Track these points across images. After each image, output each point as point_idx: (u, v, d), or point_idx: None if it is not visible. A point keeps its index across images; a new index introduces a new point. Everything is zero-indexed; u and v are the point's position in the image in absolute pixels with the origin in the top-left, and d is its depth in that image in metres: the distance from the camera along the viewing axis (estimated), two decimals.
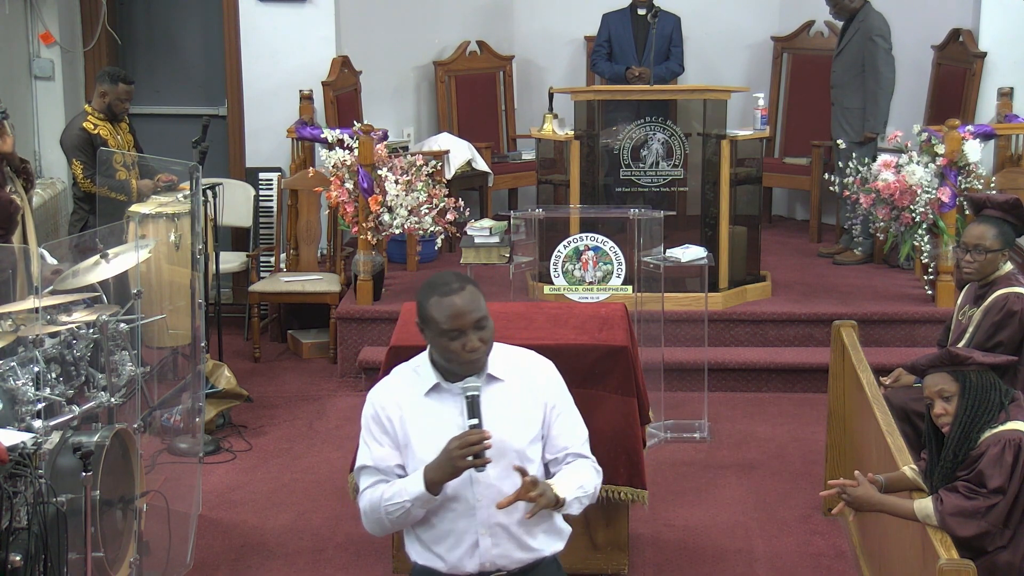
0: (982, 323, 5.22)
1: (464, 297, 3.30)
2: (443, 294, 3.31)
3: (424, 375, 3.41)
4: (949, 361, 4.12)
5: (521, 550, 3.42)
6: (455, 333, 3.30)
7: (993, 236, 5.20)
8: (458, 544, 3.39)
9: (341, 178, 7.43)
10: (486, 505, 3.36)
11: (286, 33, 8.57)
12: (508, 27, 9.76)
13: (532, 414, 3.41)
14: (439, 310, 3.30)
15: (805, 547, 5.49)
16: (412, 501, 3.31)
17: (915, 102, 8.78)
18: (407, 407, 3.40)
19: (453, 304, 3.29)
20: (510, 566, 3.42)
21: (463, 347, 3.30)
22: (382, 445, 3.39)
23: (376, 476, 3.39)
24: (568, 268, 6.62)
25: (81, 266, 5.21)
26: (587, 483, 3.42)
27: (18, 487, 4.23)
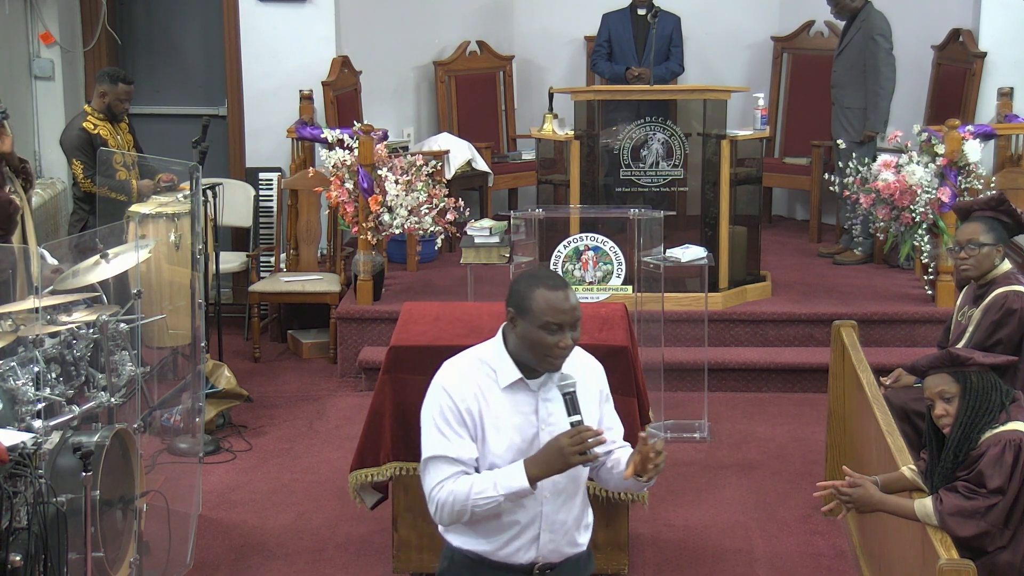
0: (982, 322, 5.22)
1: (571, 295, 3.35)
2: (551, 288, 3.33)
3: (503, 369, 3.40)
4: (950, 362, 4.12)
5: (570, 545, 3.49)
6: (555, 327, 3.31)
7: (984, 231, 5.22)
8: (519, 536, 3.42)
9: (341, 178, 7.43)
10: (551, 500, 3.42)
11: (286, 33, 8.57)
12: (508, 27, 9.76)
13: (593, 410, 3.47)
14: (546, 302, 3.31)
15: (805, 547, 5.49)
16: (508, 495, 3.31)
17: (915, 102, 8.78)
18: (484, 400, 3.39)
19: (560, 299, 3.31)
20: (556, 560, 3.48)
21: (558, 343, 3.32)
22: (461, 437, 3.36)
23: (456, 467, 3.36)
24: (568, 268, 6.63)
25: (81, 266, 5.21)
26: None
27: (18, 487, 4.23)
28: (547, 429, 3.38)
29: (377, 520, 5.53)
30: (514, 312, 3.36)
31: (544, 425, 3.39)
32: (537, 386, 3.40)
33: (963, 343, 5.29)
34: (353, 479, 5.05)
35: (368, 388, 6.96)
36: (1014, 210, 5.34)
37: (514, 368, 3.38)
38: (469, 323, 5.26)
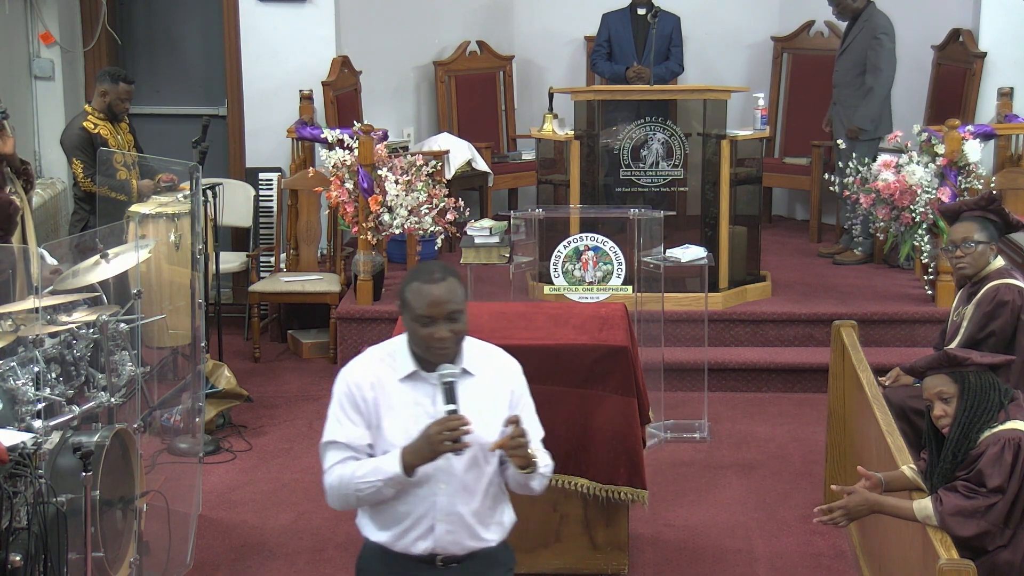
0: (974, 315, 5.25)
1: (442, 287, 3.39)
2: (424, 281, 3.40)
3: (401, 360, 3.48)
4: (947, 363, 4.12)
5: (472, 539, 3.51)
6: (427, 320, 3.38)
7: (978, 230, 5.25)
8: (414, 527, 3.48)
9: (341, 178, 7.43)
10: (448, 493, 3.45)
11: (286, 33, 8.57)
12: (508, 27, 9.76)
13: (500, 409, 3.50)
14: (417, 296, 3.39)
15: (805, 547, 5.49)
16: (386, 481, 3.38)
17: (915, 102, 8.79)
18: (382, 389, 3.47)
19: (431, 292, 3.37)
20: (458, 552, 3.51)
21: (432, 335, 3.38)
22: (355, 424, 3.46)
23: (346, 452, 3.46)
24: (568, 268, 6.62)
25: (81, 266, 5.21)
26: (549, 466, 3.54)
27: (18, 487, 4.23)
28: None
29: None
30: (399, 307, 3.46)
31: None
32: (436, 378, 3.44)
33: (958, 339, 5.31)
34: None
35: None
36: (1003, 209, 5.37)
37: (410, 361, 3.46)
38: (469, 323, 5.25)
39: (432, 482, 3.43)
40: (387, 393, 3.45)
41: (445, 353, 3.41)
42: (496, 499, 3.55)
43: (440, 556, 3.50)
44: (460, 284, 3.44)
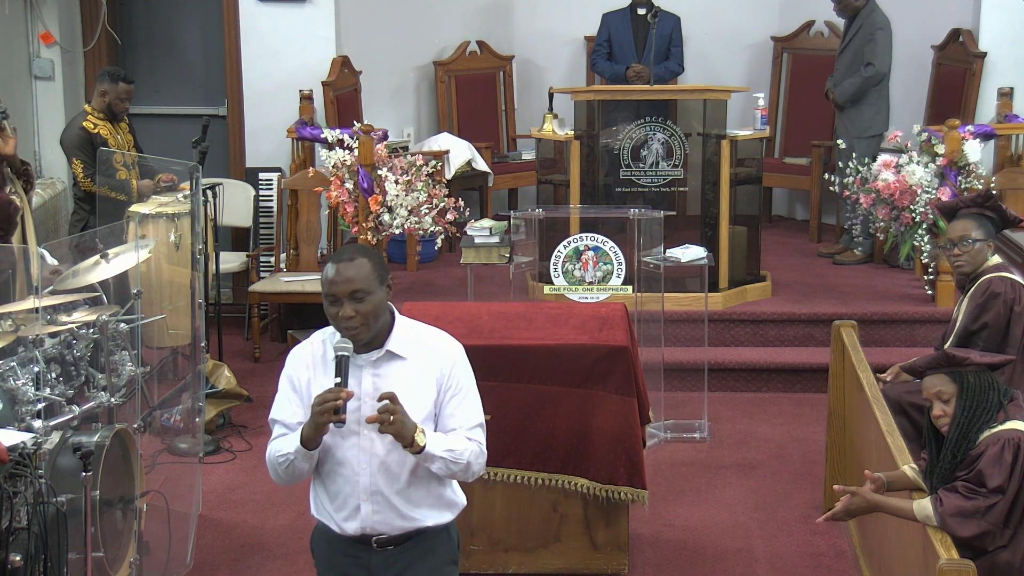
0: (967, 308, 5.27)
1: (349, 267, 3.43)
2: (334, 261, 3.46)
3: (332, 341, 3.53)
4: (946, 362, 4.12)
5: (401, 519, 3.53)
6: (332, 299, 3.44)
7: (976, 228, 5.27)
8: (343, 506, 3.53)
9: (341, 178, 7.43)
10: (369, 473, 3.49)
11: (286, 33, 8.57)
12: (508, 27, 9.76)
13: (426, 392, 3.50)
14: (324, 275, 3.47)
15: (805, 547, 5.49)
16: (294, 454, 3.46)
17: (915, 102, 8.78)
18: (315, 369, 3.54)
19: (335, 271, 3.42)
20: (391, 532, 3.54)
21: (337, 314, 3.44)
22: (291, 403, 3.56)
23: (283, 430, 3.56)
24: (568, 268, 6.62)
25: (81, 266, 5.21)
26: (461, 451, 3.48)
27: (18, 487, 4.23)
28: (369, 403, 3.44)
29: None
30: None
31: (367, 398, 3.46)
32: (365, 361, 3.48)
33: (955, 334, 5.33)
34: None
35: None
36: (999, 205, 5.38)
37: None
38: (469, 323, 5.26)
39: (355, 462, 3.49)
40: (318, 374, 3.52)
41: (354, 333, 3.43)
42: (426, 480, 3.54)
43: (373, 537, 3.53)
44: (375, 266, 3.45)
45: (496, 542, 5.15)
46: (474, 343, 5.06)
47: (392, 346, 3.50)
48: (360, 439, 3.48)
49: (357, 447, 3.48)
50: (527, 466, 5.04)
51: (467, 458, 3.49)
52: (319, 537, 3.67)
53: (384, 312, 3.49)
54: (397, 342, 3.51)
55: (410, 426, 3.38)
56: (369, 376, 3.49)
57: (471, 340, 5.10)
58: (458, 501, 3.66)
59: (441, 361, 3.53)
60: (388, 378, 3.47)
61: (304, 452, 3.44)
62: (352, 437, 3.48)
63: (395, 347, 3.51)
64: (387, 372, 3.49)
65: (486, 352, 5.04)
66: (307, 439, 3.43)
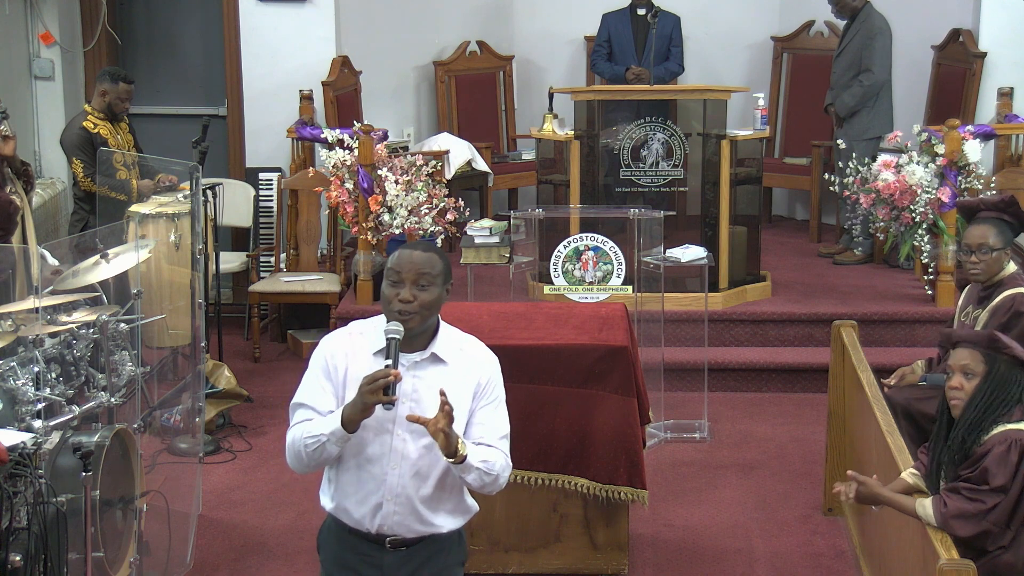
0: (989, 323, 5.20)
1: (421, 254, 3.44)
2: (407, 247, 3.48)
3: (378, 336, 3.49)
4: (988, 343, 4.14)
5: (420, 523, 3.52)
6: (396, 277, 3.42)
7: (995, 235, 5.21)
8: (364, 503, 3.51)
9: (341, 178, 7.43)
10: (398, 474, 3.47)
11: (286, 33, 8.57)
12: (508, 27, 9.76)
13: (463, 400, 3.49)
14: (395, 257, 3.46)
15: (805, 547, 5.49)
16: (328, 436, 3.39)
17: (915, 102, 8.78)
18: (354, 360, 3.49)
19: (408, 254, 3.44)
20: (406, 534, 3.53)
21: (396, 295, 3.41)
22: (324, 390, 3.49)
23: (309, 414, 3.49)
24: (568, 268, 6.62)
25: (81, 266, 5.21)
26: (493, 463, 3.47)
27: (18, 487, 4.24)
28: (407, 403, 3.44)
29: None
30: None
31: (406, 399, 3.44)
32: (410, 361, 3.46)
33: None
34: None
35: None
36: (1020, 211, 5.33)
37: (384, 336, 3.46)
38: (469, 323, 5.25)
39: (385, 461, 3.46)
40: (358, 364, 3.47)
41: (407, 318, 3.41)
42: (451, 488, 3.54)
43: (388, 537, 3.52)
44: (444, 263, 3.47)
45: (496, 542, 5.14)
46: None
47: (436, 349, 3.49)
48: (393, 439, 3.45)
49: (389, 446, 3.45)
50: (527, 466, 5.04)
51: (497, 470, 3.49)
52: (329, 533, 3.65)
53: (437, 311, 3.49)
54: (441, 346, 3.50)
55: (455, 434, 3.37)
56: (410, 377, 3.46)
57: None
58: (473, 508, 3.65)
59: (480, 371, 3.53)
60: (428, 380, 3.45)
61: (342, 435, 3.38)
62: (385, 435, 3.45)
63: (439, 351, 3.49)
64: (428, 375, 3.46)
65: None
66: (349, 420, 3.36)
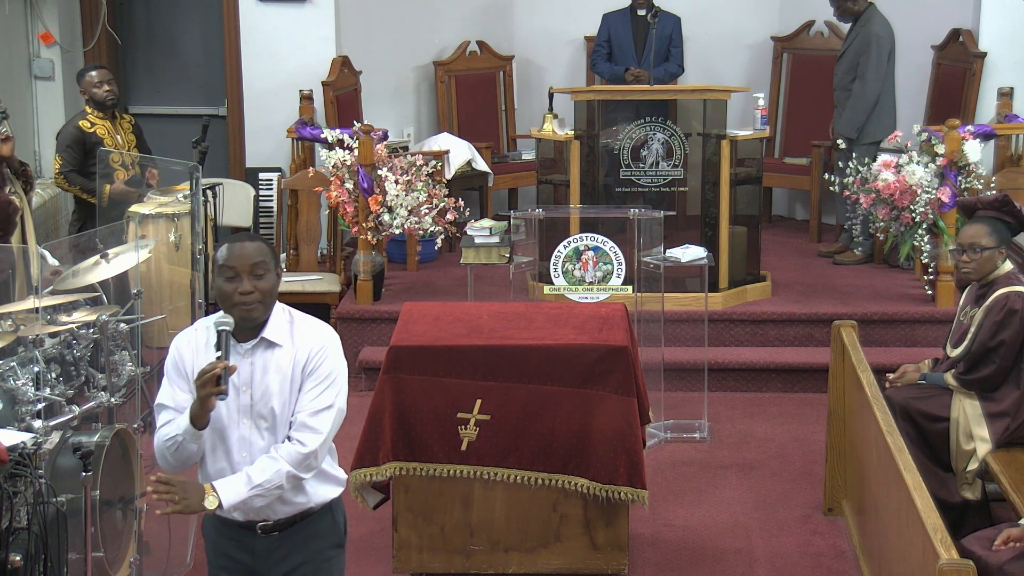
0: (984, 322, 5.24)
1: (248, 245, 3.51)
2: (232, 241, 3.53)
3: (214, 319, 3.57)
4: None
5: (283, 504, 3.57)
6: (231, 273, 3.47)
7: (987, 234, 5.23)
8: None
9: (341, 178, 7.43)
10: (249, 461, 3.52)
11: (286, 33, 8.57)
12: (508, 27, 9.76)
13: (294, 379, 3.55)
14: (222, 252, 3.50)
15: (805, 547, 5.49)
16: (182, 434, 3.48)
17: (915, 102, 8.78)
18: (199, 355, 3.56)
19: (232, 249, 3.49)
20: (275, 517, 3.58)
21: (236, 289, 3.47)
22: (180, 388, 3.57)
23: (170, 415, 3.56)
24: (568, 268, 6.62)
25: (81, 266, 5.21)
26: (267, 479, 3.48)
27: (18, 487, 4.24)
28: (247, 391, 3.51)
29: (377, 520, 5.52)
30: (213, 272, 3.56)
31: (245, 387, 3.52)
32: (244, 350, 3.53)
33: (965, 344, 5.31)
34: (353, 478, 5.04)
35: (368, 388, 6.96)
36: (1018, 211, 5.34)
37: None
38: (469, 323, 5.26)
39: (236, 451, 3.54)
40: (200, 359, 3.53)
41: (250, 309, 3.48)
42: None
43: (258, 523, 3.57)
44: (271, 249, 3.57)
45: (496, 542, 5.14)
46: (474, 343, 5.09)
47: (267, 333, 3.56)
48: (240, 428, 3.53)
49: (237, 436, 3.53)
50: (527, 466, 5.04)
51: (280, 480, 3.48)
52: (208, 524, 3.70)
53: (276, 297, 3.57)
54: (272, 330, 3.57)
55: (194, 498, 3.41)
56: (246, 364, 3.53)
57: (471, 340, 5.12)
58: (339, 476, 3.69)
59: (310, 348, 3.57)
60: (264, 366, 3.53)
61: (193, 432, 3.47)
62: (233, 426, 3.54)
63: (269, 334, 3.56)
64: (261, 360, 3.53)
65: (486, 352, 5.04)
66: (195, 416, 3.46)
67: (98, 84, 7.30)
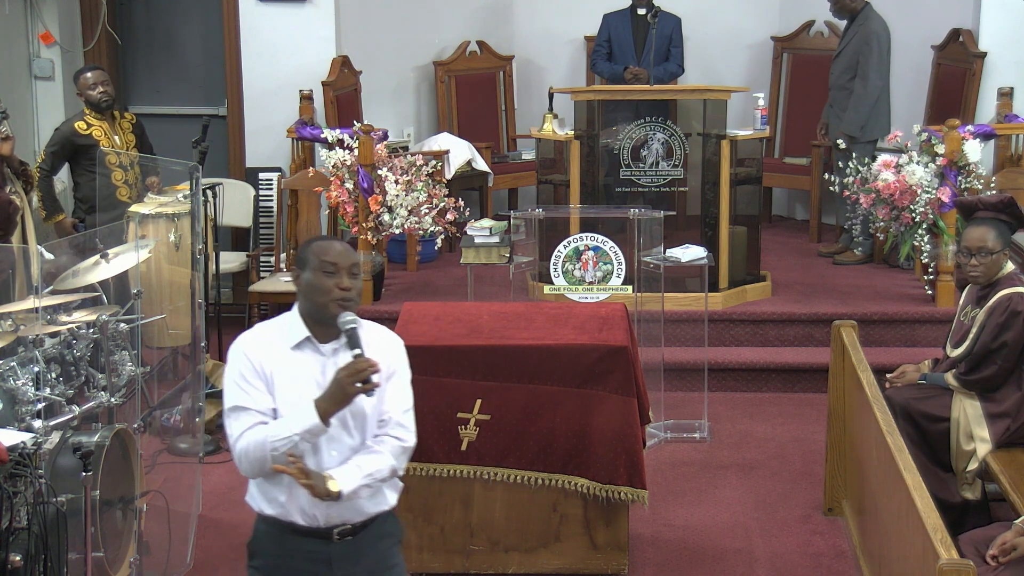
0: (986, 323, 5.23)
1: (347, 246, 3.58)
2: (324, 239, 3.61)
3: (294, 328, 3.59)
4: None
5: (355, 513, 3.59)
6: (331, 268, 3.51)
7: (994, 237, 5.22)
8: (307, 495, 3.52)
9: (341, 178, 7.43)
10: (338, 460, 3.54)
11: (286, 33, 8.57)
12: (508, 27, 9.76)
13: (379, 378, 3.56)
14: (319, 249, 3.54)
15: (805, 547, 5.49)
16: (302, 433, 3.46)
17: (915, 102, 8.78)
18: (274, 356, 3.56)
19: (333, 247, 3.55)
20: (352, 521, 3.59)
21: (337, 284, 3.50)
22: (258, 389, 3.54)
23: (256, 417, 3.53)
24: (568, 268, 6.63)
25: (81, 266, 5.21)
26: (378, 469, 3.55)
27: (18, 487, 4.24)
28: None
29: None
30: (297, 272, 3.58)
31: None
32: (328, 351, 3.56)
33: (967, 344, 5.31)
34: None
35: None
36: (1020, 212, 5.33)
37: (303, 328, 3.57)
38: (469, 323, 5.26)
39: (323, 450, 3.53)
40: (279, 361, 3.54)
41: (348, 305, 3.52)
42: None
43: (336, 529, 3.57)
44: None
45: (496, 542, 5.14)
46: (474, 343, 5.09)
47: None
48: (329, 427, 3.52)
49: (326, 435, 3.52)
50: (527, 466, 5.04)
51: (386, 471, 3.56)
52: (264, 537, 3.65)
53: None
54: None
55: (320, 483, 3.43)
56: (332, 364, 3.54)
57: (471, 340, 5.12)
58: (397, 487, 3.74)
59: (389, 351, 3.63)
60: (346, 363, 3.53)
61: (320, 428, 3.46)
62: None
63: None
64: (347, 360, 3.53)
65: (486, 352, 5.04)
66: (327, 413, 3.45)
67: (92, 86, 7.29)
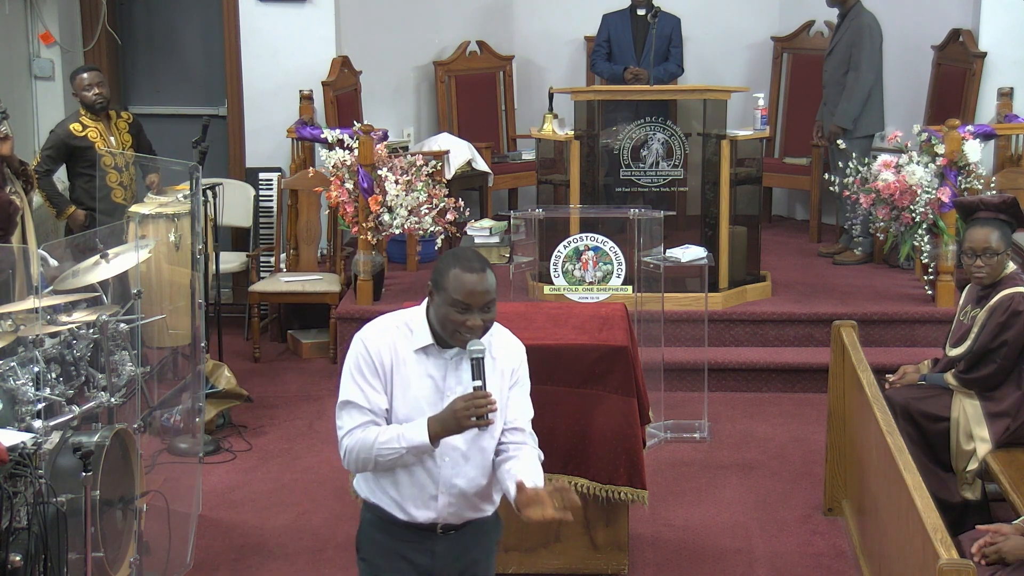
0: (987, 323, 5.24)
1: (483, 278, 3.46)
2: (465, 269, 3.46)
3: (418, 332, 3.54)
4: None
5: (471, 511, 3.62)
6: (463, 307, 3.44)
7: (997, 238, 5.23)
8: (420, 498, 3.56)
9: (341, 178, 7.43)
10: (449, 465, 3.54)
11: (286, 33, 8.57)
12: (508, 27, 9.76)
13: (504, 387, 3.59)
14: (457, 283, 3.45)
15: (805, 547, 5.49)
16: (409, 449, 3.46)
17: (915, 102, 8.78)
18: (396, 356, 3.53)
19: (473, 282, 3.45)
20: (458, 522, 3.62)
21: (465, 322, 3.45)
22: (374, 388, 3.52)
23: (367, 416, 3.52)
24: (568, 268, 6.62)
25: (81, 266, 5.21)
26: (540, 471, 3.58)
27: (18, 487, 4.24)
28: (451, 398, 3.49)
29: None
30: (431, 287, 3.52)
31: (450, 393, 3.51)
32: (451, 355, 3.54)
33: (968, 343, 5.31)
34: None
35: None
36: (1019, 211, 5.34)
37: (428, 333, 3.53)
38: None
39: (438, 455, 3.52)
40: (401, 361, 3.52)
41: (471, 339, 3.48)
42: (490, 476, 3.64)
43: (440, 525, 3.59)
44: (494, 275, 3.53)
45: None
46: None
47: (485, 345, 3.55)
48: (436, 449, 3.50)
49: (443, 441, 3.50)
50: None
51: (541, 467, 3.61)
52: (374, 527, 3.65)
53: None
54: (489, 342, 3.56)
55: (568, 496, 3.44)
56: (453, 369, 3.53)
57: None
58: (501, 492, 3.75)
59: (510, 357, 3.62)
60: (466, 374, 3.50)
61: (428, 448, 3.45)
62: None
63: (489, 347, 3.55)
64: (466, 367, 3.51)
65: None
66: (437, 436, 3.44)
67: (87, 87, 7.29)
